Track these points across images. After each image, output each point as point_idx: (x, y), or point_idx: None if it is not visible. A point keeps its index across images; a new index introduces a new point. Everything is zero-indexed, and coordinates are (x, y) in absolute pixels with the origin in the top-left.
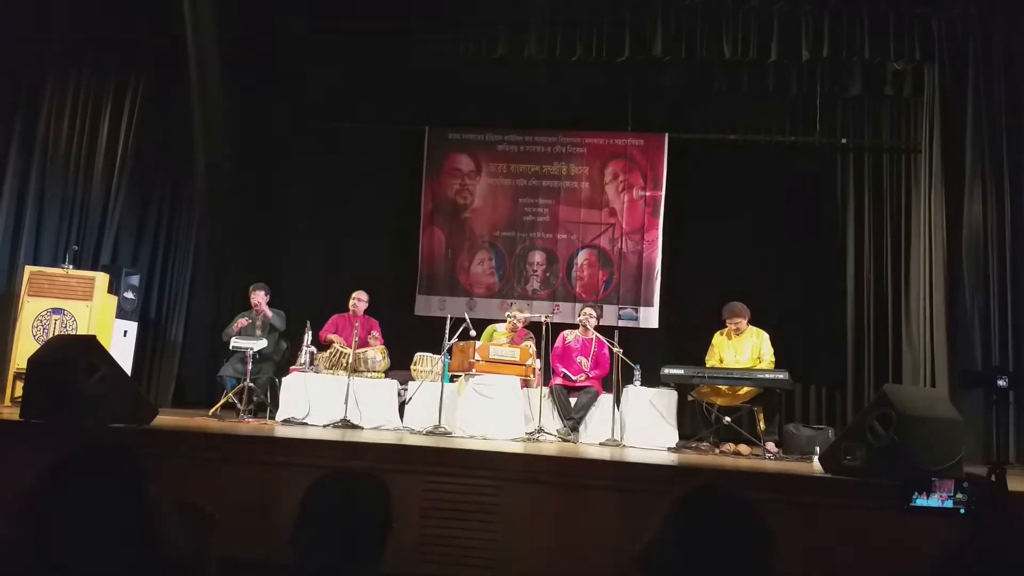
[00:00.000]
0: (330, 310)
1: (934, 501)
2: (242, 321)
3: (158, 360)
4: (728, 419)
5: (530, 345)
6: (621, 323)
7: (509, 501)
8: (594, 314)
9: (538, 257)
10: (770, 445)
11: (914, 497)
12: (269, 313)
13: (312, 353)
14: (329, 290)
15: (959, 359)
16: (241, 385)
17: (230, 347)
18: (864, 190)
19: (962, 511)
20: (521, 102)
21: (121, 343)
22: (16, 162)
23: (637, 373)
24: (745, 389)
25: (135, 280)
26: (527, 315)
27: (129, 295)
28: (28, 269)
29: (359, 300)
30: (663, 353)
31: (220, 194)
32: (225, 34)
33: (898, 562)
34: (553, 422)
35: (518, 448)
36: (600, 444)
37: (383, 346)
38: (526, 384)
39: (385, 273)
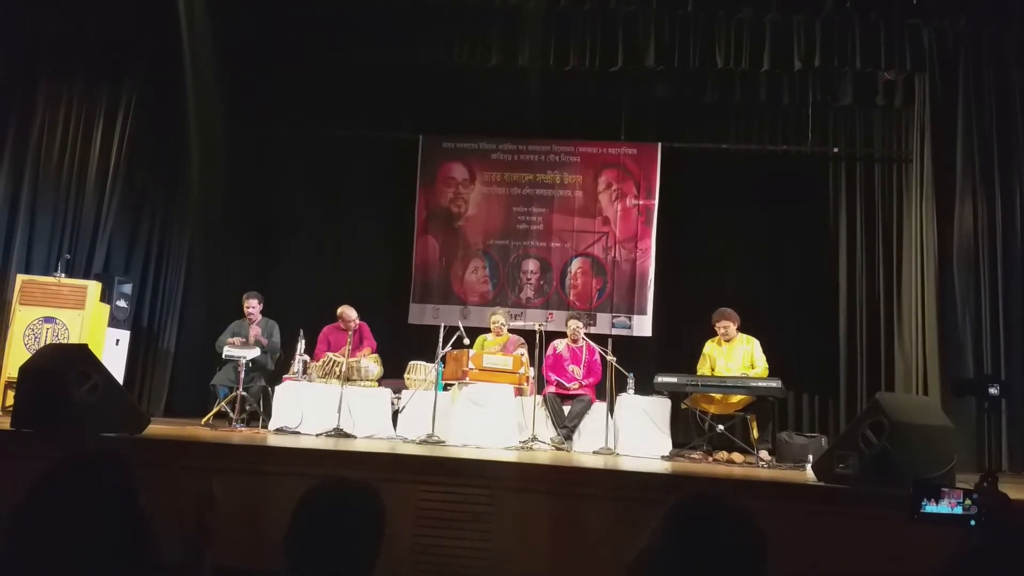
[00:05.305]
0: (324, 318)
1: (944, 507)
2: (236, 340)
3: (150, 369)
4: (721, 427)
5: (523, 353)
6: (614, 331)
7: (503, 510)
8: (580, 325)
9: (532, 265)
10: (763, 453)
11: (924, 504)
12: (265, 340)
13: (305, 362)
14: (322, 298)
15: (951, 367)
16: (234, 394)
17: (223, 356)
18: (856, 199)
19: (972, 523)
20: (515, 111)
21: (113, 352)
22: (8, 170)
23: (630, 381)
24: (738, 397)
25: (127, 289)
26: (501, 319)
27: (121, 304)
28: (20, 278)
29: (351, 321)
30: (656, 361)
31: (213, 202)
32: (219, 43)
33: (892, 570)
34: (547, 430)
35: (512, 457)
36: (594, 452)
37: (376, 354)
38: (520, 392)
39: (379, 281)
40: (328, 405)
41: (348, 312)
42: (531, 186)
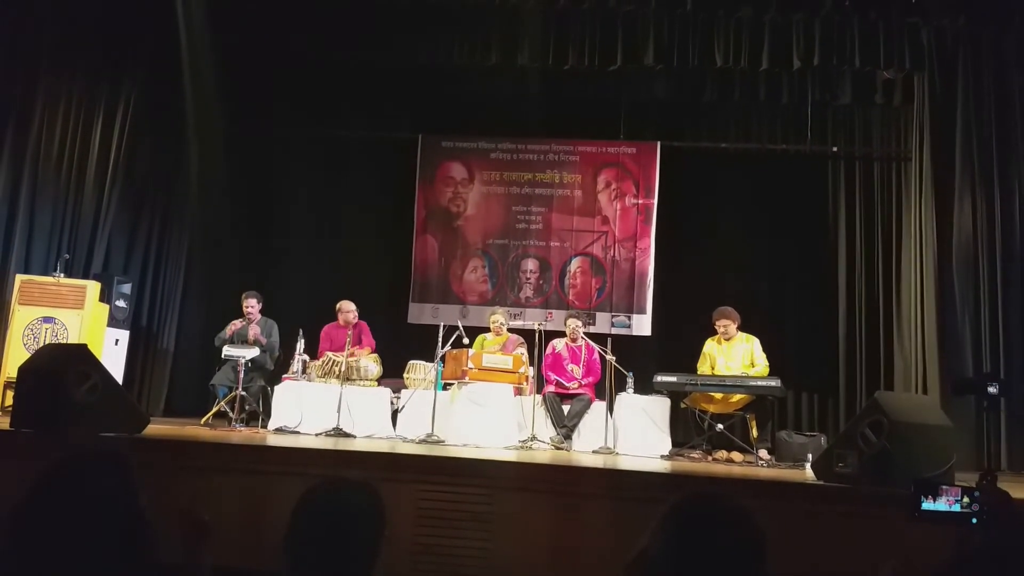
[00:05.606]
0: (323, 318)
1: (942, 505)
2: (237, 323)
3: (150, 369)
4: (721, 426)
5: (522, 353)
6: (614, 331)
7: (502, 510)
8: (579, 324)
9: (531, 265)
10: (763, 452)
11: (921, 501)
12: (264, 339)
13: (304, 361)
14: (322, 298)
15: (950, 366)
16: (233, 394)
17: (222, 355)
18: (855, 198)
19: (974, 520)
20: (514, 110)
21: (112, 352)
22: (7, 170)
23: (630, 380)
24: (738, 396)
25: (127, 288)
26: (501, 318)
27: (121, 303)
28: (19, 277)
29: (349, 312)
30: (656, 360)
31: (213, 202)
32: (219, 42)
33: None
34: (546, 430)
35: (511, 456)
36: (593, 452)
37: (375, 353)
38: (519, 392)
39: (378, 281)
40: (328, 405)
41: (347, 304)
42: (530, 185)
